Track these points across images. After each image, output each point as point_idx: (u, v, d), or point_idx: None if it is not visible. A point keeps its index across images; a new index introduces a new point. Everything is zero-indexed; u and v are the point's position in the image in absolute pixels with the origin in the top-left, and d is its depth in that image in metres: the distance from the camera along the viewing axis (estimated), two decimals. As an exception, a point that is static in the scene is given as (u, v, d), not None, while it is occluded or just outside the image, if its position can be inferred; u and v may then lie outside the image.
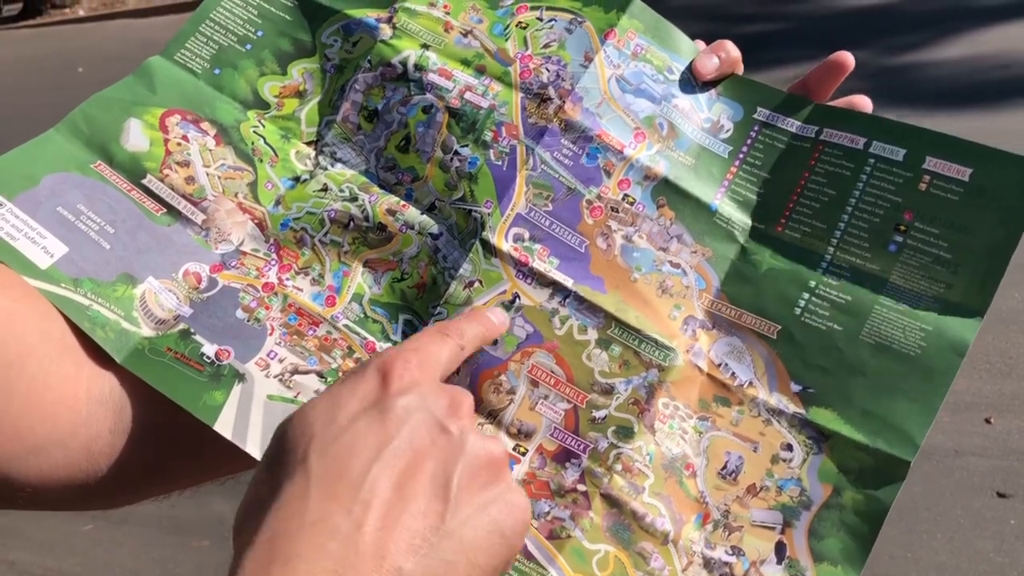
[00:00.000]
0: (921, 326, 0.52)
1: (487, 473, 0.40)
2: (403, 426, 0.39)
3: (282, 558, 0.35)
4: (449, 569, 0.37)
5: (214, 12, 0.65)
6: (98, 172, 0.58)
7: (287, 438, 0.40)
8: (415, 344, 0.44)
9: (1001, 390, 2.41)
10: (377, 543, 0.35)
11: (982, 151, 0.54)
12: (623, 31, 0.60)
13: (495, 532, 0.39)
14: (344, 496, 0.36)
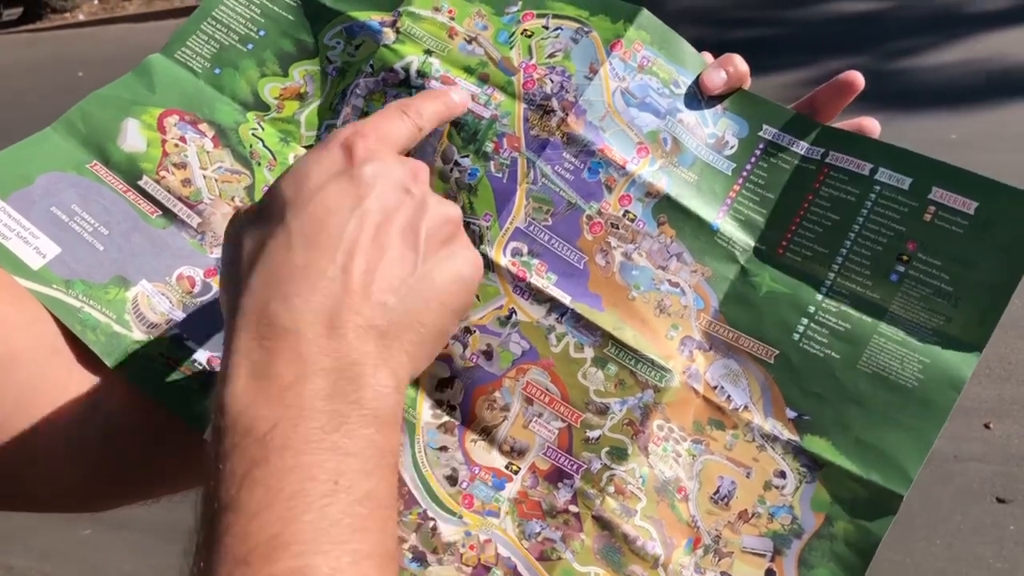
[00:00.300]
0: (919, 358, 0.51)
1: (447, 229, 0.45)
2: (372, 189, 0.42)
3: (279, 296, 0.38)
4: (423, 307, 0.42)
5: (216, 10, 0.64)
6: (94, 172, 0.58)
7: (259, 209, 0.43)
8: (374, 122, 0.46)
9: (1001, 395, 2.41)
10: (363, 283, 0.40)
11: (989, 185, 0.53)
12: (630, 42, 0.59)
13: (458, 279, 0.44)
14: (326, 246, 0.40)
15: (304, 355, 0.37)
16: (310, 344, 0.37)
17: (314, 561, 0.33)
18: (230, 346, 0.38)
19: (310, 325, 0.38)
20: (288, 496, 0.34)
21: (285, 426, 0.35)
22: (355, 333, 0.39)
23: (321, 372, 0.37)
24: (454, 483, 0.53)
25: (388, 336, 0.40)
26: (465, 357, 0.55)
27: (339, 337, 0.38)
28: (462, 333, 0.55)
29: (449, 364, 0.55)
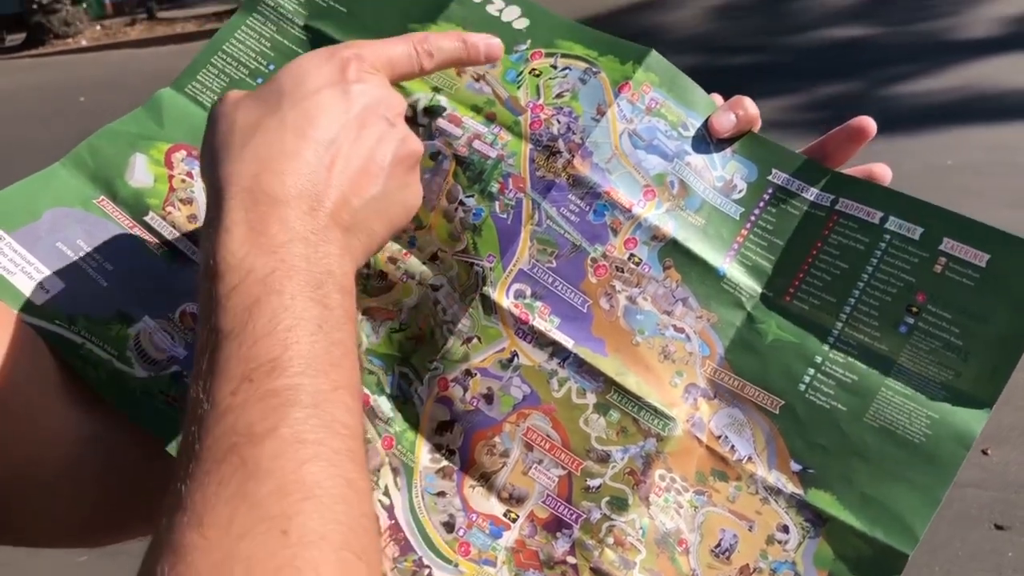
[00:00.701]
0: (928, 413, 0.50)
1: (409, 162, 0.50)
2: (359, 105, 0.48)
3: (272, 170, 0.44)
4: (375, 216, 0.48)
5: (226, 44, 0.65)
6: (100, 208, 0.58)
7: (256, 93, 0.48)
8: (379, 45, 0.52)
9: (999, 421, 2.40)
10: (339, 181, 0.46)
11: (1002, 237, 0.52)
12: (638, 84, 0.59)
13: (403, 204, 0.50)
14: (314, 140, 0.46)
15: (291, 223, 0.43)
16: (296, 216, 0.43)
17: (304, 382, 0.38)
18: (223, 206, 0.43)
19: (296, 200, 0.43)
20: (285, 328, 0.39)
21: (280, 273, 0.41)
22: (327, 220, 0.44)
23: (304, 241, 0.43)
24: (451, 530, 0.52)
25: (349, 232, 0.46)
26: (466, 400, 0.54)
27: (316, 219, 0.44)
28: (463, 376, 0.54)
29: (449, 407, 0.54)
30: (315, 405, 0.38)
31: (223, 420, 0.37)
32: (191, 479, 0.36)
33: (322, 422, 0.38)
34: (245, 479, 0.35)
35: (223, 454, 0.36)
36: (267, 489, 0.35)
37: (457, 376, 0.54)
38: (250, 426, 0.37)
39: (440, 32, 0.55)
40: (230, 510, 0.34)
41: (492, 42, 0.57)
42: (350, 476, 0.38)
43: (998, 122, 4.44)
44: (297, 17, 0.65)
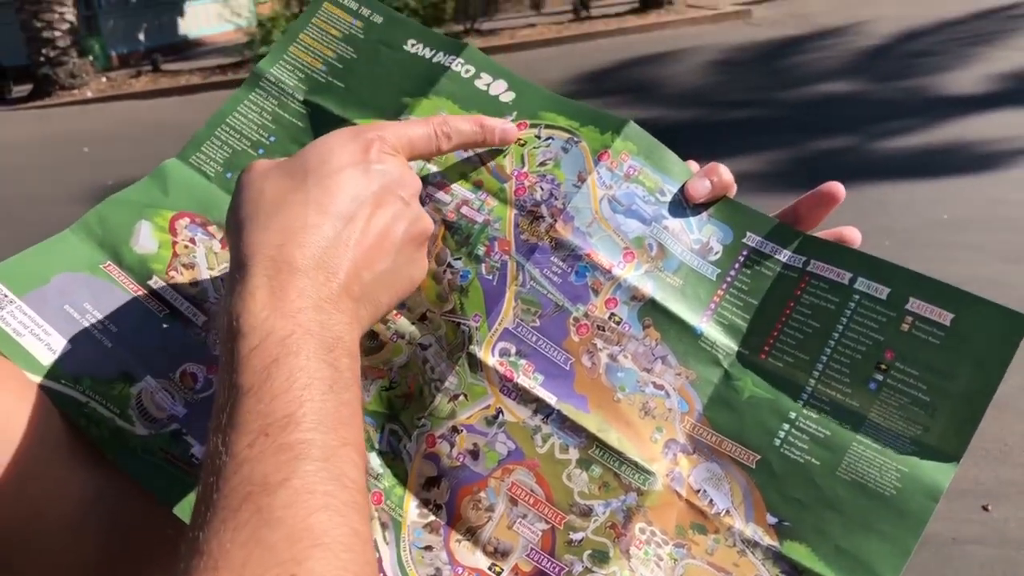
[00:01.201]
0: (897, 467, 0.52)
1: (420, 239, 0.55)
2: (377, 185, 0.53)
3: (295, 242, 0.48)
4: (382, 289, 0.52)
5: (230, 117, 0.68)
6: (107, 272, 0.61)
7: (284, 166, 0.53)
8: (401, 127, 0.57)
9: (998, 477, 2.39)
10: (353, 253, 0.50)
11: (964, 297, 0.54)
12: (616, 153, 0.62)
13: (409, 277, 0.55)
14: (334, 215, 0.50)
15: (308, 292, 0.47)
16: (313, 286, 0.47)
17: (316, 437, 0.42)
18: (246, 271, 0.47)
19: (313, 271, 0.48)
20: (300, 387, 0.43)
21: (297, 336, 0.44)
22: (340, 291, 0.48)
23: (319, 308, 0.47)
24: None
25: (358, 301, 0.50)
26: (452, 456, 0.56)
27: (330, 288, 0.48)
28: (449, 432, 0.56)
29: (436, 463, 0.56)
30: (325, 459, 0.41)
31: (240, 471, 0.40)
32: (208, 526, 0.38)
33: (331, 475, 0.41)
34: (259, 526, 0.38)
35: (239, 503, 0.39)
36: (279, 535, 0.38)
37: (444, 432, 0.56)
38: (265, 477, 0.39)
39: (459, 116, 0.60)
40: (244, 554, 0.37)
41: (507, 127, 0.62)
42: (356, 526, 0.40)
43: (991, 177, 4.49)
44: (297, 92, 0.69)
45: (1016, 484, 2.36)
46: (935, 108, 5.71)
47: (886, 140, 5.22)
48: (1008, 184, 4.33)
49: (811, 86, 6.83)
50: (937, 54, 7.36)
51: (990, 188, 4.31)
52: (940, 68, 6.79)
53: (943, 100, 5.91)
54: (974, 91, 6.03)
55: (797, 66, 7.71)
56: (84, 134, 9.24)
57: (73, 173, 7.11)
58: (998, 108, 5.50)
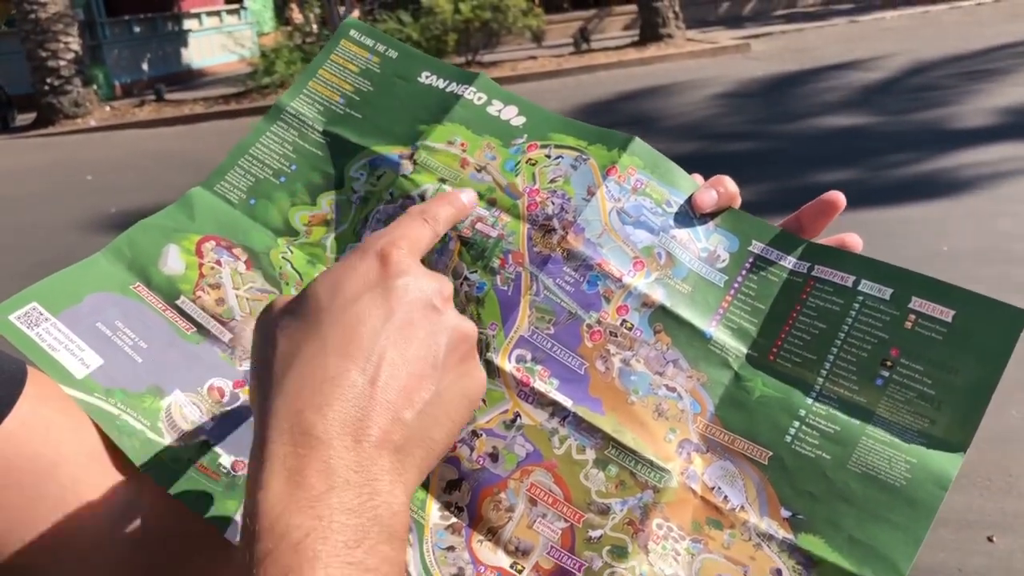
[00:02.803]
0: (906, 458, 0.53)
1: (464, 348, 0.48)
2: (402, 303, 0.46)
3: (312, 406, 0.42)
4: (432, 422, 0.45)
5: (253, 148, 0.71)
6: (136, 293, 0.63)
7: (295, 309, 0.46)
8: (402, 231, 0.51)
9: (1003, 508, 2.38)
10: (386, 396, 0.43)
11: (964, 295, 0.56)
12: (624, 167, 0.64)
13: (464, 397, 0.47)
14: (357, 357, 0.43)
15: (333, 467, 0.40)
16: (338, 456, 0.40)
17: None
18: (265, 449, 0.41)
19: (338, 436, 0.41)
20: None
21: (316, 537, 0.38)
22: (376, 447, 0.42)
23: (346, 485, 0.40)
24: None
25: (402, 451, 0.43)
26: (472, 460, 0.58)
27: (362, 450, 0.41)
28: (469, 436, 0.58)
29: (457, 466, 0.58)
30: None
31: None
32: None
33: None
34: None
35: None
36: None
37: (464, 437, 0.58)
38: None
39: (433, 200, 0.58)
40: None
41: (469, 193, 0.61)
42: None
43: (991, 210, 4.52)
44: (317, 123, 0.72)
45: (1021, 515, 2.35)
46: (935, 142, 5.76)
47: (886, 172, 5.26)
48: (1008, 218, 4.35)
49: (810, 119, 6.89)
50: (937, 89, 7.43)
51: (989, 221, 4.33)
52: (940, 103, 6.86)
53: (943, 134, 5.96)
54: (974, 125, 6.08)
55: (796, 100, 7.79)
56: (87, 162, 9.31)
57: (76, 201, 7.15)
58: (999, 142, 5.54)
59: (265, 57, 13.52)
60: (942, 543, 2.27)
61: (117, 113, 13.48)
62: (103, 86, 15.00)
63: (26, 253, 5.05)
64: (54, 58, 12.86)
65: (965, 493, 2.45)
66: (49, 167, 9.59)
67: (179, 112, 12.67)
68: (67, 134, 12.27)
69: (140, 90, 16.55)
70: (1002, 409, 2.80)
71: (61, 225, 6.24)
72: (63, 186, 8.10)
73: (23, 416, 0.51)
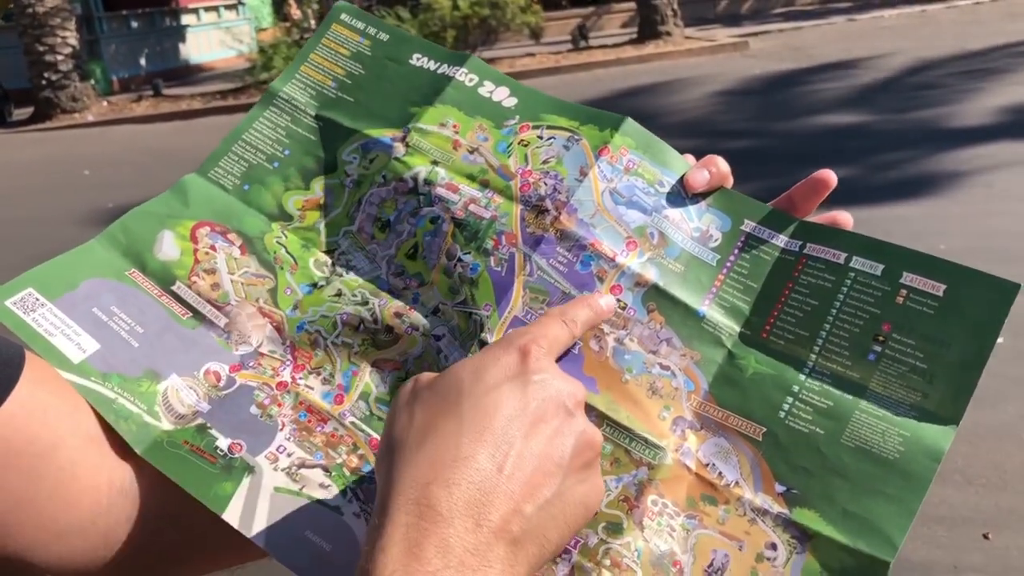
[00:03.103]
0: (899, 432, 0.54)
1: (588, 455, 0.48)
2: (537, 398, 0.47)
3: (440, 481, 0.43)
4: (550, 522, 0.45)
5: (246, 133, 0.71)
6: (132, 279, 0.63)
7: (437, 386, 0.48)
8: (543, 331, 0.53)
9: (998, 504, 2.39)
10: (510, 486, 0.44)
11: (955, 269, 0.57)
12: (616, 148, 0.65)
13: (582, 503, 0.48)
14: (489, 442, 0.45)
15: (451, 545, 0.41)
16: (457, 536, 0.41)
17: None
18: (387, 515, 0.43)
19: (460, 516, 0.42)
20: None
21: None
22: (494, 534, 0.42)
23: (460, 566, 0.41)
24: None
25: (518, 543, 0.43)
26: None
27: (481, 534, 0.42)
28: None
29: None
30: None
31: None
32: None
33: None
34: None
35: None
36: None
37: None
38: None
39: (573, 303, 0.58)
40: None
41: (608, 298, 0.60)
42: None
43: (988, 208, 4.53)
44: (309, 108, 0.72)
45: (1016, 512, 2.36)
46: (932, 140, 5.77)
47: (884, 171, 5.27)
48: (1006, 216, 4.36)
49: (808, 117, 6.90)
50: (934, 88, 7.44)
51: (987, 219, 4.34)
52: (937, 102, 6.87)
53: (940, 132, 5.97)
54: (971, 124, 6.09)
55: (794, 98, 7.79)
56: (85, 157, 9.30)
57: (73, 196, 7.15)
58: (996, 140, 5.55)
59: (263, 53, 13.52)
60: (937, 540, 2.27)
61: (114, 108, 13.46)
62: (100, 81, 14.99)
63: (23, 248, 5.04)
64: (51, 53, 12.85)
65: (960, 490, 2.45)
66: (46, 162, 9.58)
67: (176, 107, 12.66)
68: (64, 129, 12.26)
69: (137, 85, 16.53)
70: (996, 404, 2.81)
71: (58, 220, 6.23)
72: (60, 181, 8.09)
73: (22, 399, 0.52)
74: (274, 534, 0.54)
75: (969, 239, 4.11)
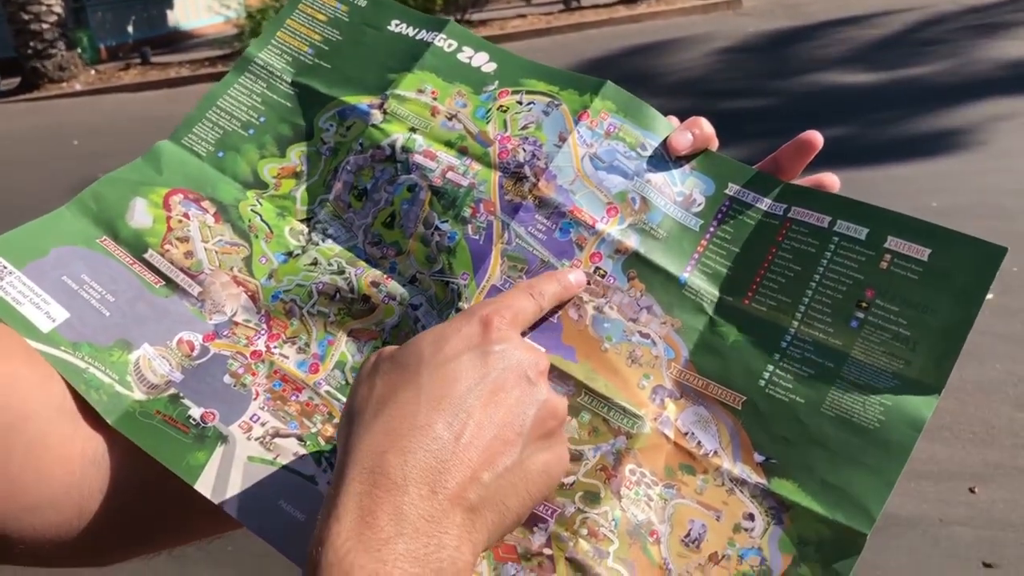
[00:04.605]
0: (880, 401, 0.53)
1: (551, 424, 0.48)
2: (497, 368, 0.47)
3: (395, 449, 0.43)
4: (510, 490, 0.45)
5: (221, 99, 0.70)
6: (103, 247, 0.62)
7: (397, 357, 0.48)
8: (508, 301, 0.52)
9: (985, 459, 2.41)
10: (468, 455, 0.44)
11: (940, 232, 0.55)
12: (596, 112, 0.64)
13: (545, 472, 0.47)
14: (447, 411, 0.45)
15: (404, 513, 0.41)
16: (412, 504, 0.42)
17: None
18: (342, 484, 0.43)
19: (415, 483, 0.42)
20: None
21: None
22: (450, 501, 0.43)
23: (415, 533, 0.41)
24: None
25: (475, 511, 0.44)
26: None
27: (436, 501, 0.42)
28: None
29: None
30: None
31: None
32: None
33: None
34: None
35: None
36: None
37: None
38: None
39: (541, 277, 0.57)
40: None
41: (578, 273, 0.59)
42: None
43: (981, 165, 4.51)
44: (285, 74, 0.70)
45: (1002, 467, 2.38)
46: (927, 97, 5.72)
47: (878, 128, 5.23)
48: (998, 173, 4.34)
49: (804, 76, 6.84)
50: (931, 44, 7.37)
51: (979, 176, 4.32)
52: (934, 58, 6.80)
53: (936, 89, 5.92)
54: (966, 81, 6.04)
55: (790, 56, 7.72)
56: (73, 127, 9.20)
57: (63, 166, 7.08)
58: (989, 98, 5.51)
59: (251, 18, 13.32)
60: (924, 495, 2.30)
61: (102, 77, 13.30)
62: (87, 49, 14.78)
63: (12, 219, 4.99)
64: (36, 21, 12.64)
65: (947, 445, 2.47)
66: (34, 132, 9.49)
67: (165, 75, 12.51)
68: (52, 99, 12.11)
69: (125, 53, 16.32)
70: (985, 361, 2.82)
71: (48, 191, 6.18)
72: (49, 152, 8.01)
73: None
74: (247, 504, 0.54)
75: (964, 196, 4.09)
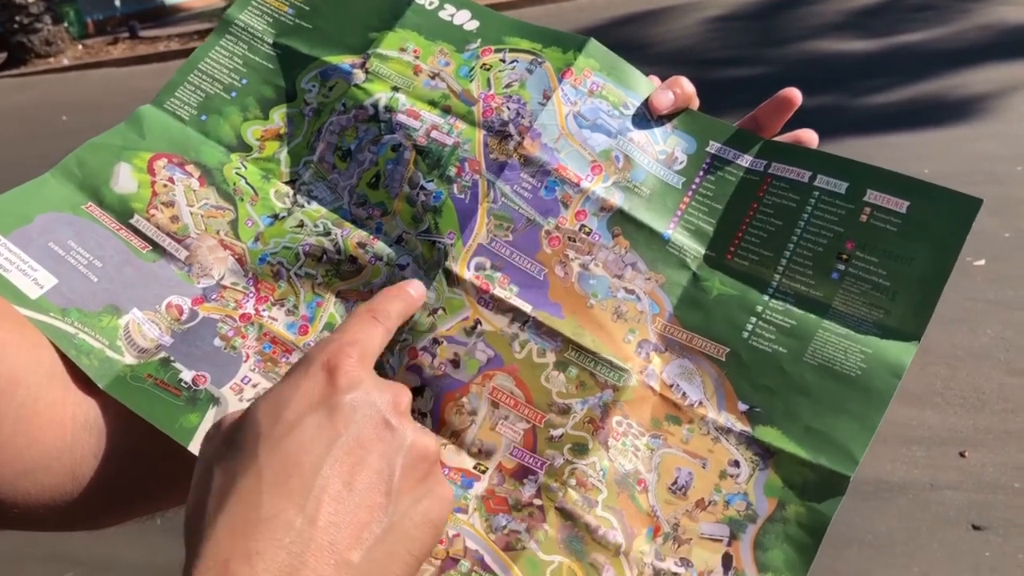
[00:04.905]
0: (861, 349, 0.54)
1: (423, 467, 0.43)
2: (350, 423, 0.41)
3: (240, 554, 0.37)
4: (390, 559, 0.40)
5: (202, 63, 0.69)
6: (88, 213, 0.62)
7: (234, 437, 0.42)
8: (351, 336, 0.46)
9: (975, 424, 2.44)
10: (329, 537, 0.38)
11: (918, 185, 0.57)
12: (579, 70, 0.64)
13: (427, 522, 0.42)
14: (296, 492, 0.39)
15: None
16: None
17: None
18: None
19: None
20: None
21: None
22: None
23: None
24: None
25: None
26: (434, 366, 0.58)
27: None
28: (431, 344, 0.58)
29: (420, 374, 0.58)
30: None
31: None
32: None
33: None
34: None
35: None
36: None
37: (425, 345, 0.58)
38: None
39: (380, 296, 0.52)
40: None
41: (417, 285, 0.55)
42: None
43: (973, 131, 4.50)
44: (267, 36, 0.70)
45: (992, 431, 2.41)
46: (920, 64, 5.70)
47: (870, 96, 5.22)
48: (990, 139, 4.34)
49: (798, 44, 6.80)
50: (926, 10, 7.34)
51: (971, 143, 4.31)
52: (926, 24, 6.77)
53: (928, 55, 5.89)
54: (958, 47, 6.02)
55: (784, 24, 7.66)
56: (62, 103, 9.13)
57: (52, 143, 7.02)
58: (981, 64, 5.49)
59: (239, -10, 13.20)
60: (915, 460, 2.32)
61: (90, 51, 13.16)
62: (74, 23, 14.63)
63: (1, 194, 4.97)
64: (21, -6, 12.52)
65: (938, 411, 2.50)
66: (23, 108, 9.41)
67: (154, 49, 12.39)
68: (40, 74, 12.00)
69: (113, 27, 16.15)
70: (975, 327, 2.84)
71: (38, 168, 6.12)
72: (38, 128, 7.96)
73: None
74: None
75: (955, 163, 4.09)
